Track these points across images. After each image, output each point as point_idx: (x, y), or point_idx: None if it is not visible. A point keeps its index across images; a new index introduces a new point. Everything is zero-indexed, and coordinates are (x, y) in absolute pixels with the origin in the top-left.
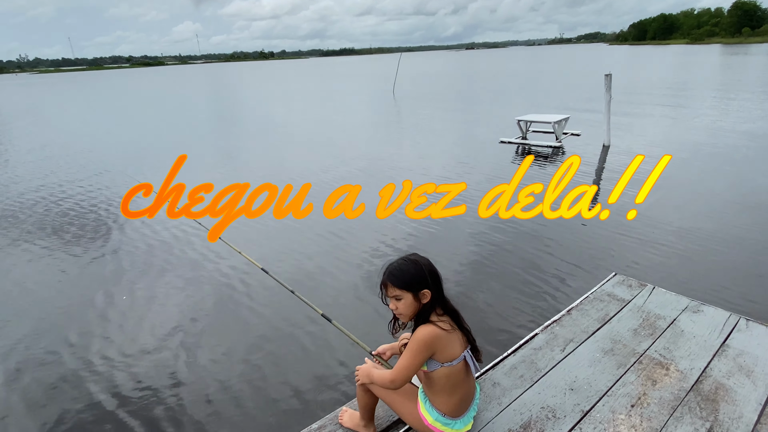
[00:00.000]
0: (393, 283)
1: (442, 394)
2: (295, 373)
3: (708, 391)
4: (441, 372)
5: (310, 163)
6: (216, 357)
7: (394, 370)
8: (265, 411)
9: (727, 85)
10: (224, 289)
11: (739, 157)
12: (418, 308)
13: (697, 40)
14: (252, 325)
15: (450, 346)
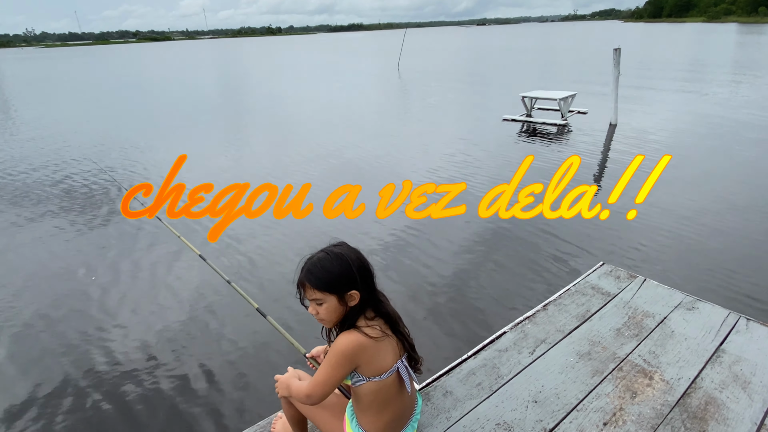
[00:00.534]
0: (312, 284)
1: (370, 413)
2: (226, 374)
3: (696, 407)
4: (367, 387)
5: (312, 144)
6: (129, 350)
7: (310, 385)
8: (187, 416)
9: (741, 68)
10: (158, 274)
11: (747, 141)
12: (344, 312)
13: (714, 18)
14: (179, 317)
15: (378, 357)
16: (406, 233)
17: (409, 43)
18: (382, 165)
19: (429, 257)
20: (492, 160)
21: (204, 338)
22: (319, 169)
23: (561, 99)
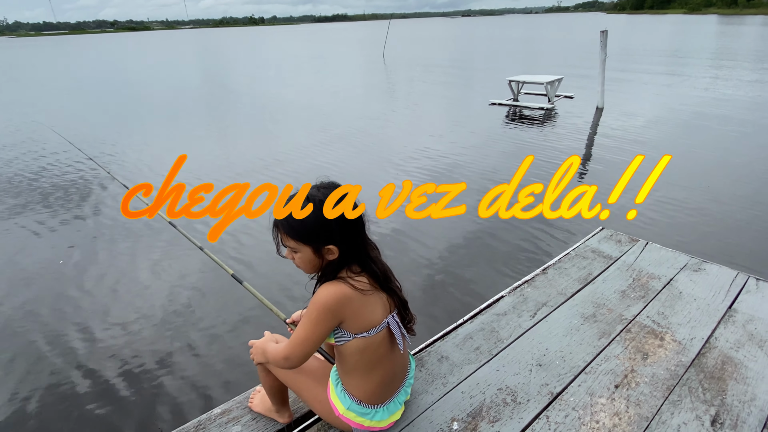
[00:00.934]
0: (286, 231)
1: (357, 375)
2: (199, 347)
3: (713, 367)
4: (353, 345)
5: (297, 135)
6: (109, 327)
7: (289, 344)
8: (159, 393)
9: (720, 56)
10: (124, 240)
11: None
12: (321, 264)
13: (695, 10)
14: (147, 286)
15: (365, 311)
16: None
17: (394, 34)
18: (374, 145)
19: (423, 238)
20: (480, 142)
21: (180, 310)
22: (307, 163)
23: (548, 83)
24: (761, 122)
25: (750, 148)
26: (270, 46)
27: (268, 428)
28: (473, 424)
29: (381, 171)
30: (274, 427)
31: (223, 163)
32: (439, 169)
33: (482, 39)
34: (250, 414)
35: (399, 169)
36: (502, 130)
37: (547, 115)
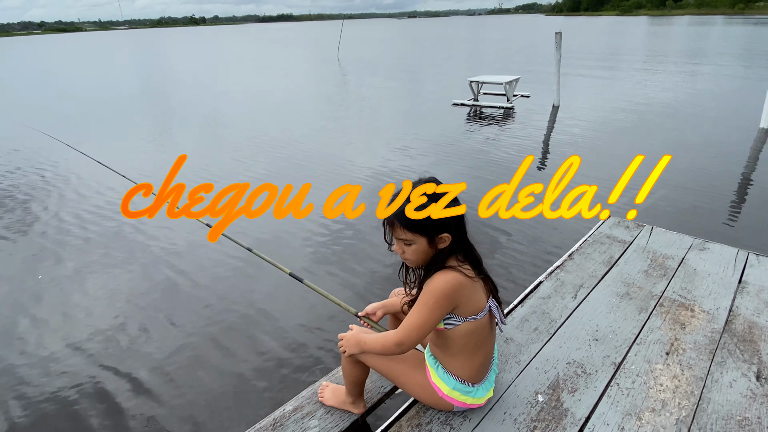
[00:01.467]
0: (403, 224)
1: (462, 356)
2: (260, 347)
3: (742, 332)
4: (462, 329)
5: (258, 139)
6: (158, 333)
7: (402, 330)
8: (226, 393)
9: (655, 54)
10: (158, 253)
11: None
12: (432, 254)
13: (626, 12)
14: (199, 295)
15: (474, 296)
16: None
17: (344, 34)
18: (345, 145)
19: None
20: (441, 148)
21: (240, 314)
22: (269, 165)
23: (506, 83)
24: (701, 112)
25: (697, 136)
26: (222, 47)
27: (344, 419)
28: (555, 395)
29: (360, 170)
30: (350, 417)
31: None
32: (417, 168)
33: (435, 40)
34: (323, 408)
35: (377, 168)
36: (466, 128)
37: (507, 113)
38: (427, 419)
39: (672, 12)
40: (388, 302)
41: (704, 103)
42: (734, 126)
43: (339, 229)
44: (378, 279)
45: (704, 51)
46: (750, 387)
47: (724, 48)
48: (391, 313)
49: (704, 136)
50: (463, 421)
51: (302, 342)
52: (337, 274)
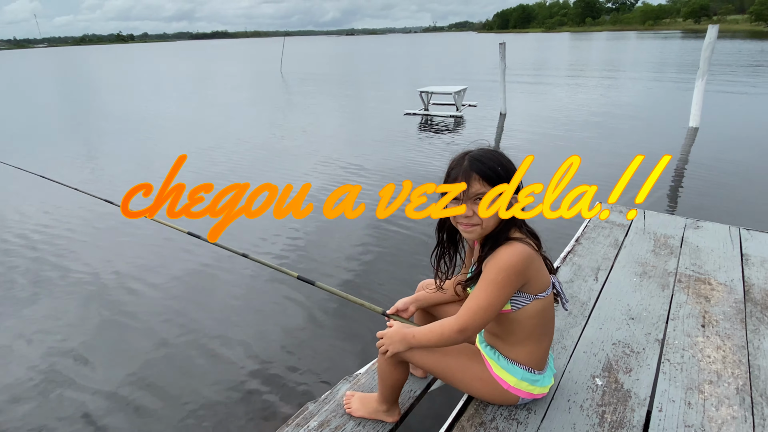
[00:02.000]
0: (482, 173)
1: (529, 342)
2: (271, 359)
3: (762, 299)
4: (531, 309)
5: (215, 150)
6: (170, 345)
7: (464, 314)
8: (238, 410)
9: (581, 65)
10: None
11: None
12: (498, 222)
13: (551, 29)
14: (199, 307)
15: (543, 271)
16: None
17: (285, 50)
18: (305, 148)
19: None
20: (404, 147)
21: (251, 326)
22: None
23: (455, 93)
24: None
25: (637, 135)
26: (162, 62)
27: (378, 430)
28: (612, 377)
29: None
30: (384, 427)
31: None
32: (384, 172)
33: (377, 55)
34: (352, 420)
35: (344, 172)
36: (420, 135)
37: (457, 122)
38: (489, 416)
39: (591, 28)
40: (420, 296)
41: (639, 108)
42: (667, 125)
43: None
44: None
45: (629, 62)
46: None
47: (644, 59)
48: (424, 307)
49: (643, 135)
50: (529, 414)
51: (313, 352)
52: (353, 272)
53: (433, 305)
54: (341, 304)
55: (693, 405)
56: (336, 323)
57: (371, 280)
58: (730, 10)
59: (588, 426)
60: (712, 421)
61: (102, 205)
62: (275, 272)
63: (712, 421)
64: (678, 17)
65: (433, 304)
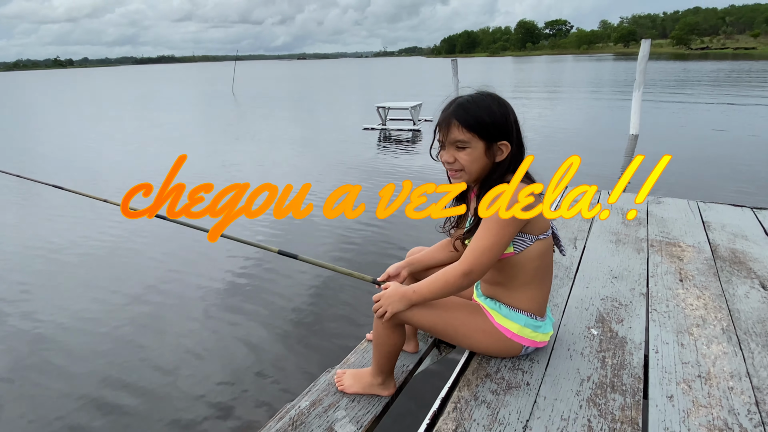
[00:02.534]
0: (462, 121)
1: (532, 285)
2: (255, 343)
3: (728, 256)
4: (534, 251)
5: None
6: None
7: (468, 256)
8: (231, 393)
9: (527, 84)
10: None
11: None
12: (486, 168)
13: (495, 53)
14: (173, 289)
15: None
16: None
17: (236, 73)
18: (267, 163)
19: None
20: (365, 158)
21: (233, 303)
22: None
23: (411, 108)
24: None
25: (587, 143)
26: (102, 89)
27: (375, 404)
28: (606, 326)
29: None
30: (380, 402)
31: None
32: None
33: (330, 77)
34: (346, 397)
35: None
36: (381, 147)
37: (415, 135)
38: (494, 368)
39: (531, 52)
40: (412, 259)
41: (583, 120)
42: (611, 134)
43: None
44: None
45: (570, 81)
46: (763, 294)
47: (583, 78)
48: (418, 271)
49: (592, 143)
50: (532, 363)
51: (303, 332)
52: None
53: (426, 269)
54: (326, 284)
55: (686, 345)
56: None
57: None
58: (655, 35)
59: (591, 370)
60: (706, 358)
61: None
62: (255, 251)
63: (706, 358)
64: (609, 42)
65: (426, 268)
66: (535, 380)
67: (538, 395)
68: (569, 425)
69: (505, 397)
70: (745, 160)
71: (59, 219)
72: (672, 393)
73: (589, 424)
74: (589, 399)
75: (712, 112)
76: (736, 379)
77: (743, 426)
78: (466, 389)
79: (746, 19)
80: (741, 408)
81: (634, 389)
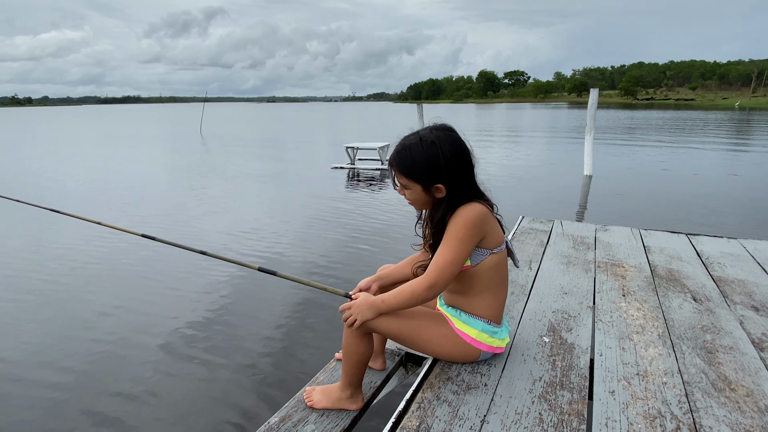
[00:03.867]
0: (398, 167)
1: (487, 294)
2: (229, 360)
3: (666, 275)
4: (489, 263)
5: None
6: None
7: (433, 270)
8: (195, 415)
9: (488, 129)
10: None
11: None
12: (431, 201)
13: (458, 100)
14: (145, 308)
15: (497, 228)
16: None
17: (205, 114)
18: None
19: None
20: (334, 197)
21: (213, 319)
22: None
23: (380, 148)
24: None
25: (545, 183)
26: (60, 128)
27: (343, 418)
28: (557, 334)
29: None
30: (348, 416)
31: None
32: (303, 225)
33: (299, 119)
34: (315, 412)
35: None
36: (349, 186)
37: (383, 174)
38: (455, 372)
39: (492, 100)
40: (382, 274)
41: (541, 162)
42: (567, 175)
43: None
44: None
45: (528, 126)
46: (694, 306)
47: (540, 124)
48: (387, 285)
49: (551, 183)
50: (490, 367)
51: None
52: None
53: (394, 283)
54: (303, 301)
55: (626, 349)
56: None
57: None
58: (604, 86)
59: (543, 371)
60: (644, 359)
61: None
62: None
63: (644, 359)
64: (564, 92)
65: (394, 282)
66: (492, 381)
67: (495, 394)
68: (523, 418)
69: (464, 396)
70: (683, 194)
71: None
72: (614, 389)
73: (540, 416)
74: (540, 396)
75: (658, 154)
76: (669, 376)
77: (674, 414)
78: (429, 391)
79: (684, 74)
80: (673, 399)
81: (580, 386)
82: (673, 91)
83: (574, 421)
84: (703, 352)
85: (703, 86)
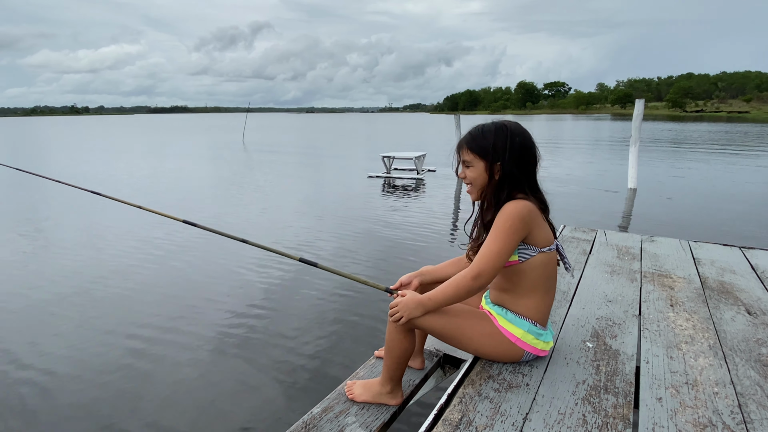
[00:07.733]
0: (467, 143)
1: (535, 294)
2: (270, 350)
3: (717, 287)
4: (537, 261)
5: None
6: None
7: (478, 261)
8: (239, 404)
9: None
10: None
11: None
12: (491, 186)
13: (496, 112)
14: (190, 297)
15: (546, 227)
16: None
17: (248, 125)
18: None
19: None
20: (368, 204)
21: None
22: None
23: (416, 158)
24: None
25: (591, 196)
26: (119, 137)
27: (383, 412)
28: (601, 341)
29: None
30: (388, 411)
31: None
32: (337, 228)
33: (338, 129)
34: (356, 405)
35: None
36: (381, 195)
37: (418, 183)
38: (496, 371)
39: (531, 111)
40: (423, 270)
41: (584, 175)
42: (610, 187)
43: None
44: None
45: (573, 138)
46: (748, 319)
47: (584, 136)
48: (428, 282)
49: (592, 195)
50: (531, 368)
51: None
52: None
53: (435, 281)
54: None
55: (675, 358)
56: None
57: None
58: (650, 98)
59: (586, 375)
60: (694, 369)
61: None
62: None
63: (694, 369)
64: (606, 103)
65: (435, 280)
66: (534, 382)
67: (537, 393)
68: (566, 418)
69: (506, 394)
70: (736, 208)
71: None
72: (661, 396)
73: (584, 418)
74: (584, 398)
75: (709, 168)
76: (721, 386)
77: (726, 423)
78: (470, 387)
79: (738, 85)
80: (725, 409)
81: (626, 392)
82: (726, 103)
83: (619, 425)
84: (758, 365)
85: (759, 98)
